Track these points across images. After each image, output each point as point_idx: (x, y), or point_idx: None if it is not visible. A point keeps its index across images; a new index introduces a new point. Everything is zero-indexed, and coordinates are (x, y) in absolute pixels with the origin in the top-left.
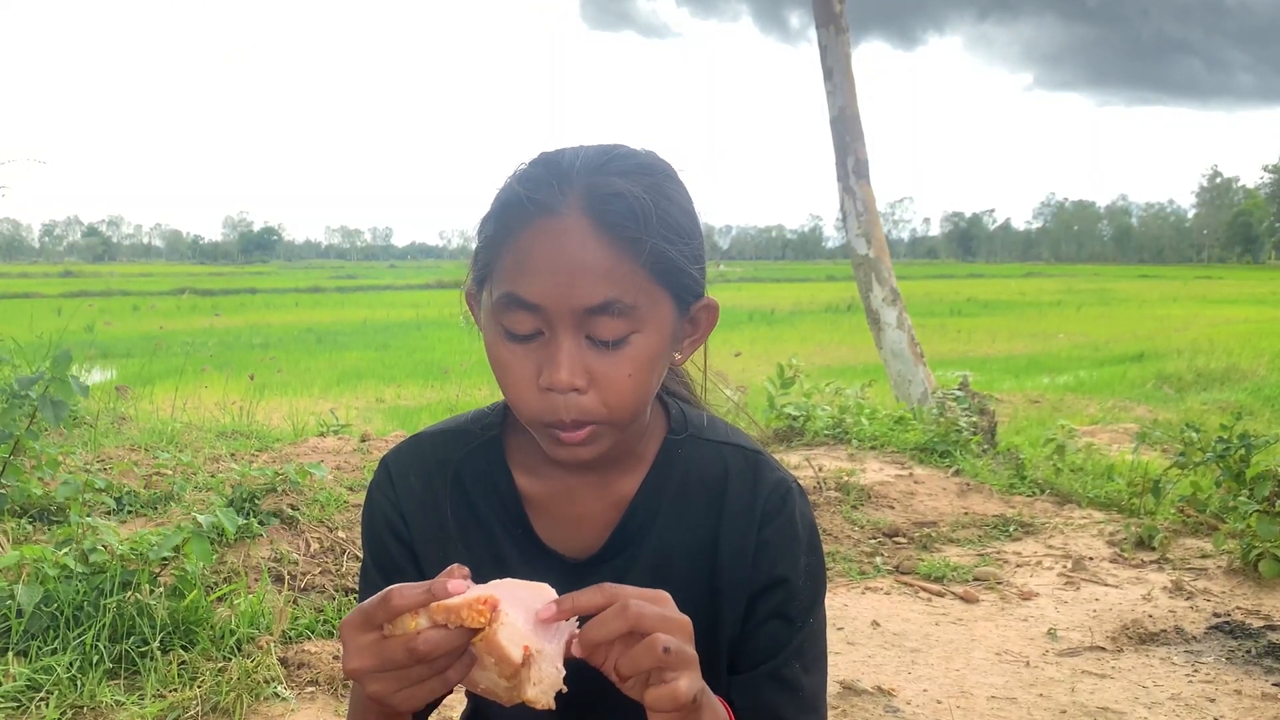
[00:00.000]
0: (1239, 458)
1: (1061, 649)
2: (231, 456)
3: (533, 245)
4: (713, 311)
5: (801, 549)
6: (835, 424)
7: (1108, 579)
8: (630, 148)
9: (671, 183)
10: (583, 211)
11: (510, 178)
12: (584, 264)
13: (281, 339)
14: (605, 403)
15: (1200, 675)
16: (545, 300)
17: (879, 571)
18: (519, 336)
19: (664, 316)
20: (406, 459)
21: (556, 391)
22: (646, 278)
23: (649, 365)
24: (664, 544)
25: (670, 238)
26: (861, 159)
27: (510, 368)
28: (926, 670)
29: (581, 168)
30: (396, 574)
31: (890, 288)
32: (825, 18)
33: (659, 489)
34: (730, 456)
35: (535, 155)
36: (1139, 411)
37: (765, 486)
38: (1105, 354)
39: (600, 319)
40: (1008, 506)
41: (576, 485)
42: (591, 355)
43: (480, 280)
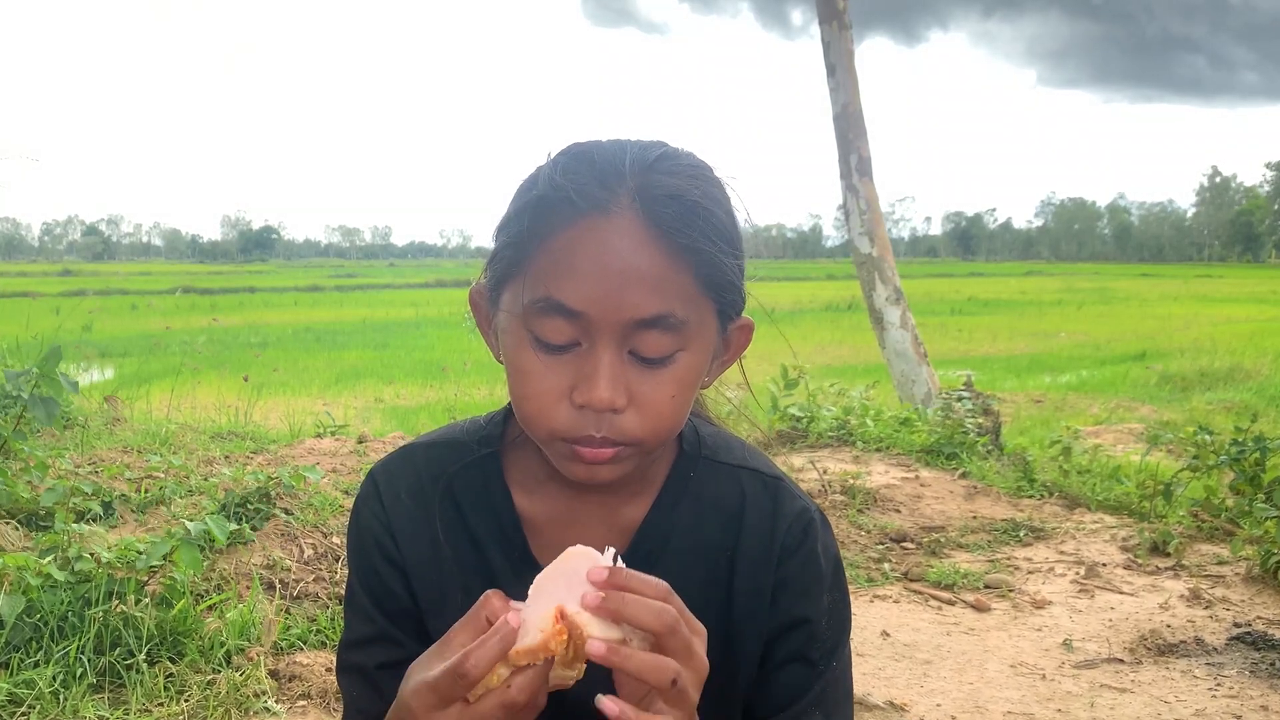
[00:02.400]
0: (1254, 461)
1: (1078, 661)
2: (226, 459)
3: (577, 246)
4: (748, 331)
5: (825, 587)
6: (840, 425)
7: (1123, 586)
8: (675, 146)
9: (720, 188)
10: (637, 212)
11: (545, 169)
12: (637, 271)
13: (280, 338)
14: (644, 425)
15: (1224, 690)
16: (590, 308)
17: (887, 579)
18: (553, 346)
19: (709, 334)
20: (397, 472)
21: (592, 409)
22: (698, 290)
23: (691, 386)
24: (673, 577)
25: (724, 247)
26: (864, 156)
27: (536, 379)
28: (939, 683)
29: (632, 164)
30: (387, 598)
31: (894, 287)
32: (828, 14)
33: (669, 516)
34: (747, 482)
35: (568, 147)
36: (1143, 411)
37: (786, 517)
38: (1107, 353)
39: (649, 333)
40: (1016, 510)
41: (580, 509)
42: (633, 372)
43: (500, 281)
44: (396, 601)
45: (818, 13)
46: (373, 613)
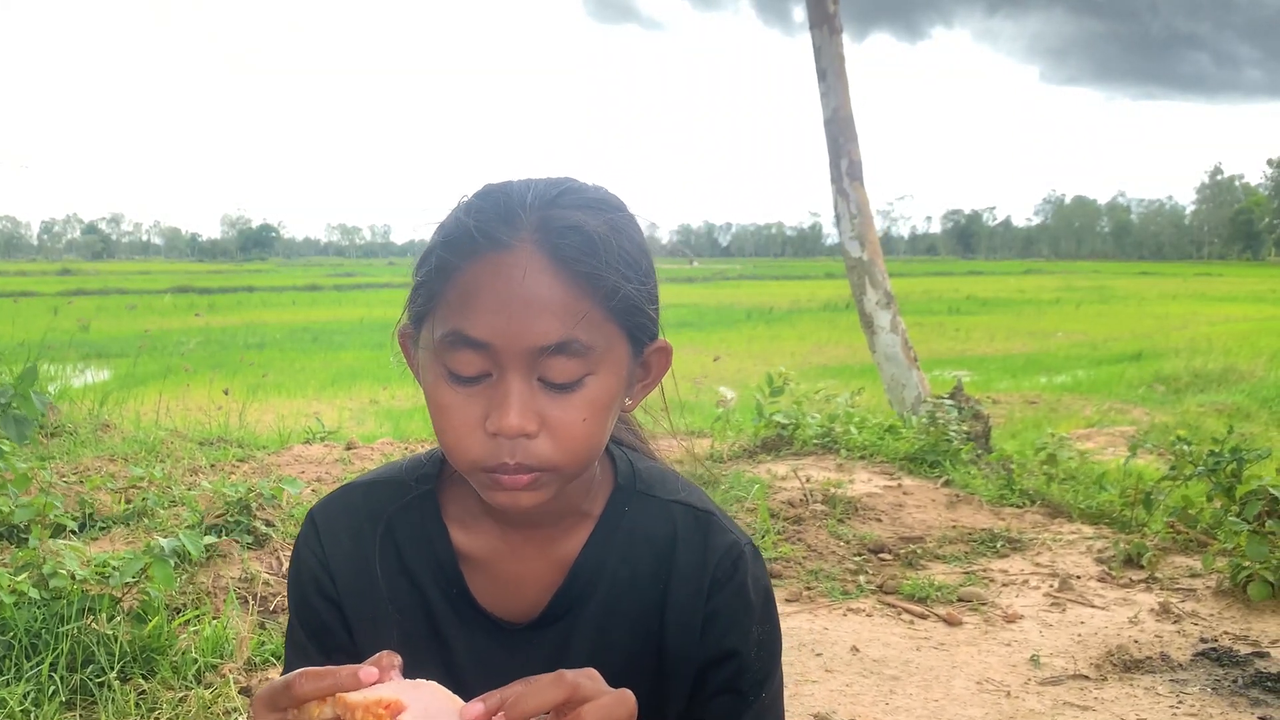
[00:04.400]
0: (1230, 472)
1: (1044, 677)
2: (212, 467)
3: (481, 280)
4: (666, 354)
5: (754, 619)
6: (824, 433)
7: (1095, 600)
8: (582, 182)
9: (626, 218)
10: (537, 245)
11: (455, 210)
12: (538, 300)
13: (277, 338)
14: (557, 449)
15: (1184, 708)
16: (494, 339)
17: (862, 591)
18: (464, 378)
19: (620, 358)
20: (335, 512)
21: (504, 437)
22: (604, 316)
23: (604, 409)
24: (608, 609)
25: (628, 274)
26: (855, 160)
27: (452, 411)
28: (904, 700)
29: (534, 200)
30: (325, 634)
31: (884, 290)
32: (819, 18)
33: (604, 549)
34: (679, 516)
35: (481, 187)
36: (1136, 414)
37: (716, 550)
38: (1103, 353)
39: (554, 359)
40: (997, 519)
41: (517, 543)
42: (544, 398)
43: (419, 318)
44: (333, 639)
45: (809, 17)
46: (310, 649)
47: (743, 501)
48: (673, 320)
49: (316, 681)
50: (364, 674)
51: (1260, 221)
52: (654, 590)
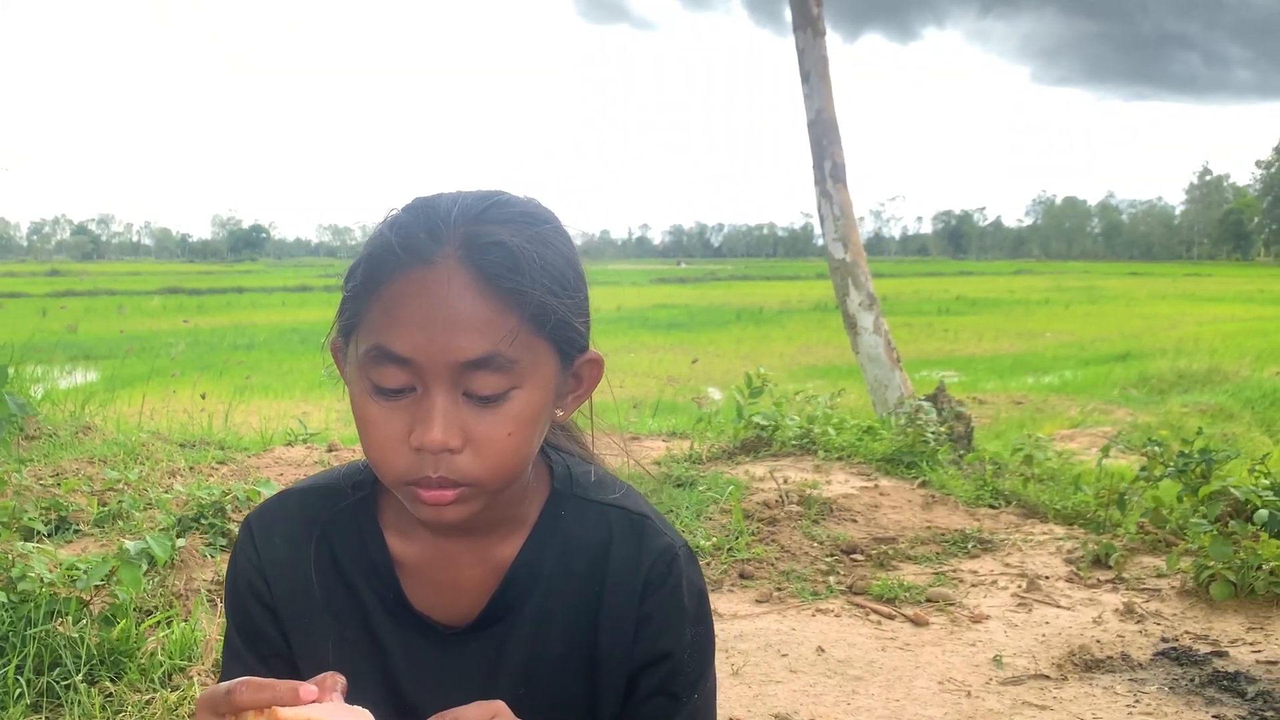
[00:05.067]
0: (1199, 473)
1: (1005, 677)
2: (191, 470)
3: (404, 295)
4: (597, 366)
5: (687, 621)
6: (803, 434)
7: (1061, 600)
8: (513, 195)
9: (555, 233)
10: (460, 260)
11: (381, 224)
12: (461, 316)
13: (266, 339)
14: (481, 463)
15: (1141, 707)
16: (417, 354)
17: (832, 592)
18: (388, 392)
19: (547, 371)
20: (271, 519)
21: (428, 451)
22: (529, 331)
23: (530, 422)
24: (543, 613)
25: (554, 289)
26: (839, 163)
27: (377, 425)
28: (866, 701)
29: (459, 215)
30: (261, 642)
31: (867, 292)
32: (803, 20)
33: (540, 554)
34: (615, 520)
35: (410, 200)
36: (1119, 414)
37: (650, 553)
38: (1091, 353)
39: (478, 374)
40: (972, 519)
41: (453, 549)
42: (468, 413)
43: (346, 332)
44: (270, 645)
45: (792, 20)
46: (246, 656)
47: (718, 503)
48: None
49: (256, 693)
50: (304, 691)
51: (1249, 222)
52: (588, 593)
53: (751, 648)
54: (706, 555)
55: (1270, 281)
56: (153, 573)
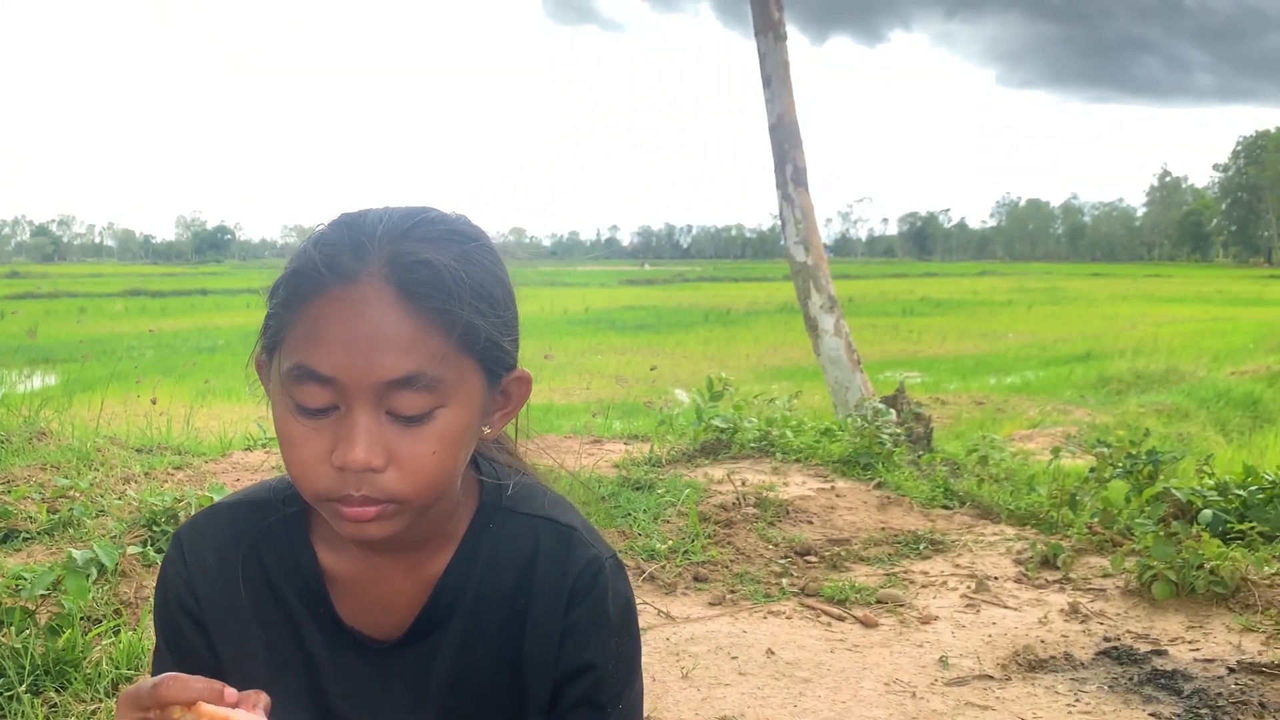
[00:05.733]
0: (1146, 474)
1: (950, 678)
2: (146, 475)
3: (327, 314)
4: (525, 384)
5: (611, 632)
6: (762, 436)
7: (1008, 601)
8: (441, 212)
9: (483, 250)
10: (385, 279)
11: (306, 240)
12: (384, 335)
13: (229, 342)
14: (405, 482)
15: (1080, 706)
16: (340, 373)
17: (784, 594)
18: (311, 410)
19: (473, 390)
20: (201, 532)
21: (351, 470)
22: (454, 350)
23: (455, 441)
24: (471, 626)
25: (481, 308)
26: (800, 166)
27: (299, 444)
28: (812, 703)
29: (385, 233)
30: (190, 655)
31: (828, 295)
32: (764, 25)
33: (467, 567)
34: (543, 531)
35: (336, 216)
36: (1078, 414)
37: (576, 565)
38: (1052, 354)
39: (402, 393)
40: (926, 520)
41: (383, 564)
42: (392, 431)
43: (270, 348)
44: (198, 659)
45: (754, 24)
46: (173, 667)
47: (676, 505)
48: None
49: (183, 688)
50: (228, 693)
51: (1208, 224)
52: (515, 606)
53: (702, 650)
54: (662, 558)
55: (1228, 282)
56: (102, 580)
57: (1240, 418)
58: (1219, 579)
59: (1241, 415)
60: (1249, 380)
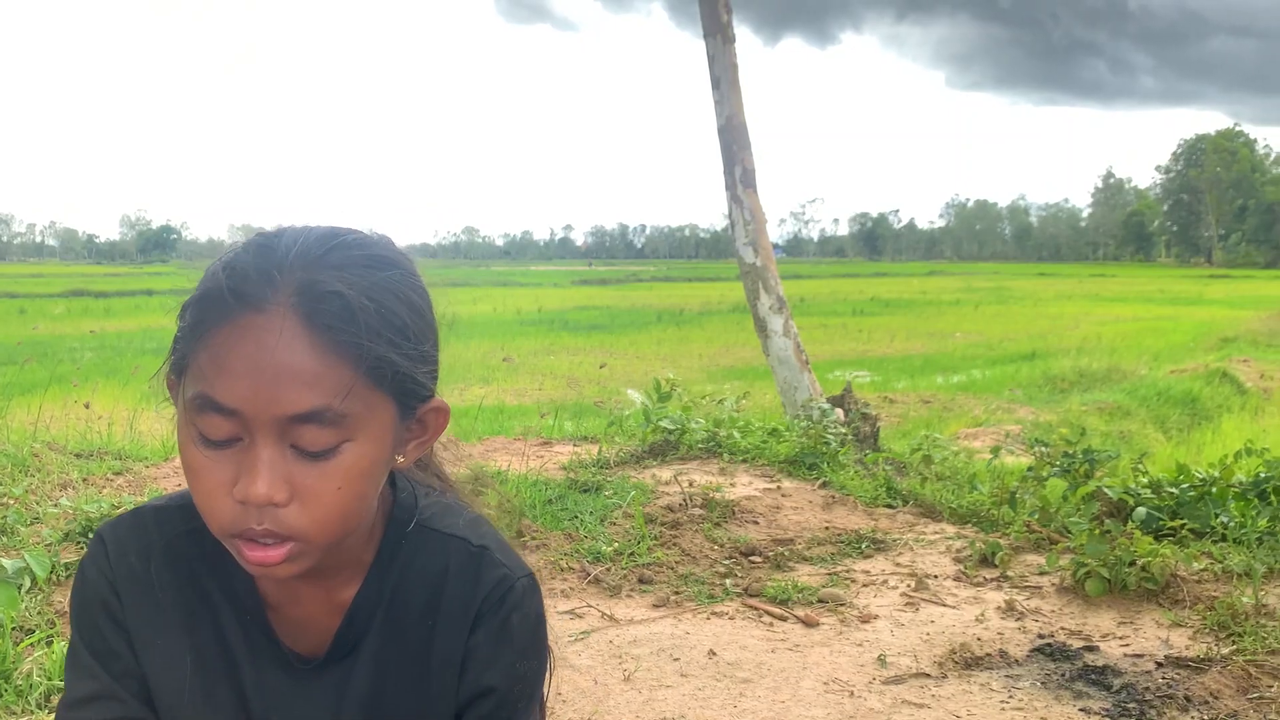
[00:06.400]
0: (1082, 472)
1: (888, 676)
2: (85, 481)
3: (232, 344)
4: (443, 415)
5: (515, 654)
6: (709, 437)
7: (947, 599)
8: (359, 235)
9: (401, 276)
10: (293, 309)
11: (218, 261)
12: (289, 368)
13: None
14: (308, 517)
15: (1014, 702)
16: (244, 406)
17: (728, 594)
18: (214, 442)
19: (383, 423)
20: (126, 533)
21: (252, 504)
22: (364, 384)
23: (362, 476)
24: (384, 647)
25: (394, 340)
26: (749, 168)
27: (202, 474)
28: (752, 703)
29: (297, 259)
30: (113, 659)
31: (777, 296)
32: (712, 27)
33: (380, 588)
34: (454, 551)
35: (253, 236)
36: (1022, 413)
37: (484, 585)
38: (998, 353)
39: (307, 428)
40: (870, 519)
41: (298, 587)
42: (296, 466)
43: (177, 372)
44: (120, 662)
45: (702, 26)
46: (97, 671)
47: (622, 507)
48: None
49: None
50: None
51: (1151, 224)
52: (425, 626)
53: (645, 652)
54: (607, 561)
55: (1170, 282)
56: (35, 590)
57: (1179, 415)
58: (1150, 575)
59: (1180, 413)
60: (1188, 378)
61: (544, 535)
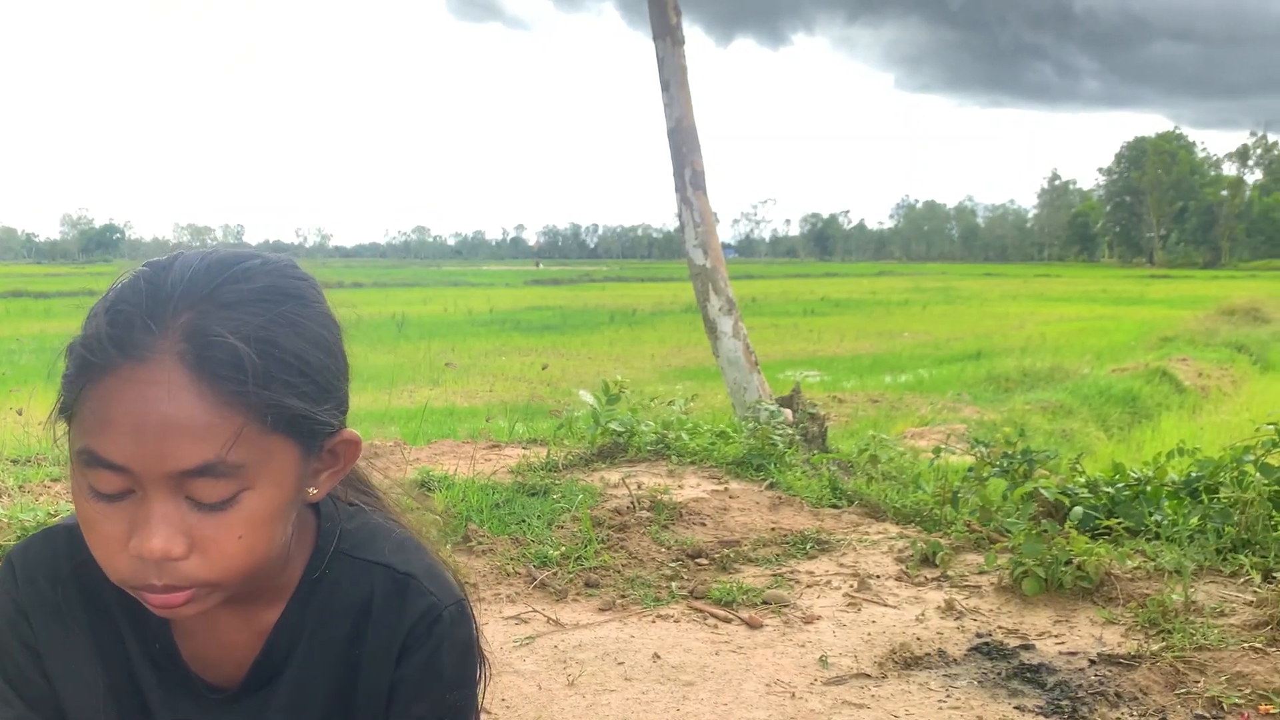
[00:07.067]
0: (1022, 472)
1: (829, 677)
2: (20, 488)
3: (116, 396)
4: (353, 446)
5: (445, 685)
6: (659, 439)
7: (889, 599)
8: (254, 263)
9: (301, 308)
10: (178, 359)
11: (102, 299)
12: (176, 423)
13: None
14: (210, 568)
15: (950, 701)
16: (131, 462)
17: (674, 597)
18: (105, 495)
19: (285, 466)
20: (36, 556)
21: (149, 560)
22: (260, 430)
23: (264, 523)
24: (303, 680)
25: (290, 381)
26: (698, 170)
27: (96, 527)
28: (695, 706)
29: (184, 297)
30: (26, 684)
31: (726, 297)
32: (661, 29)
33: (301, 617)
34: (378, 580)
35: (139, 269)
36: (968, 412)
37: (411, 615)
38: (945, 352)
39: (200, 481)
40: (815, 520)
41: (216, 614)
42: (193, 517)
43: (66, 416)
44: (34, 688)
45: (652, 28)
46: (11, 698)
47: (570, 511)
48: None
49: None
50: None
51: (1095, 225)
52: (349, 657)
53: (589, 657)
54: (554, 565)
55: (1112, 282)
56: None
57: (1120, 413)
58: (1085, 574)
59: (1121, 411)
60: (1129, 377)
61: (490, 540)
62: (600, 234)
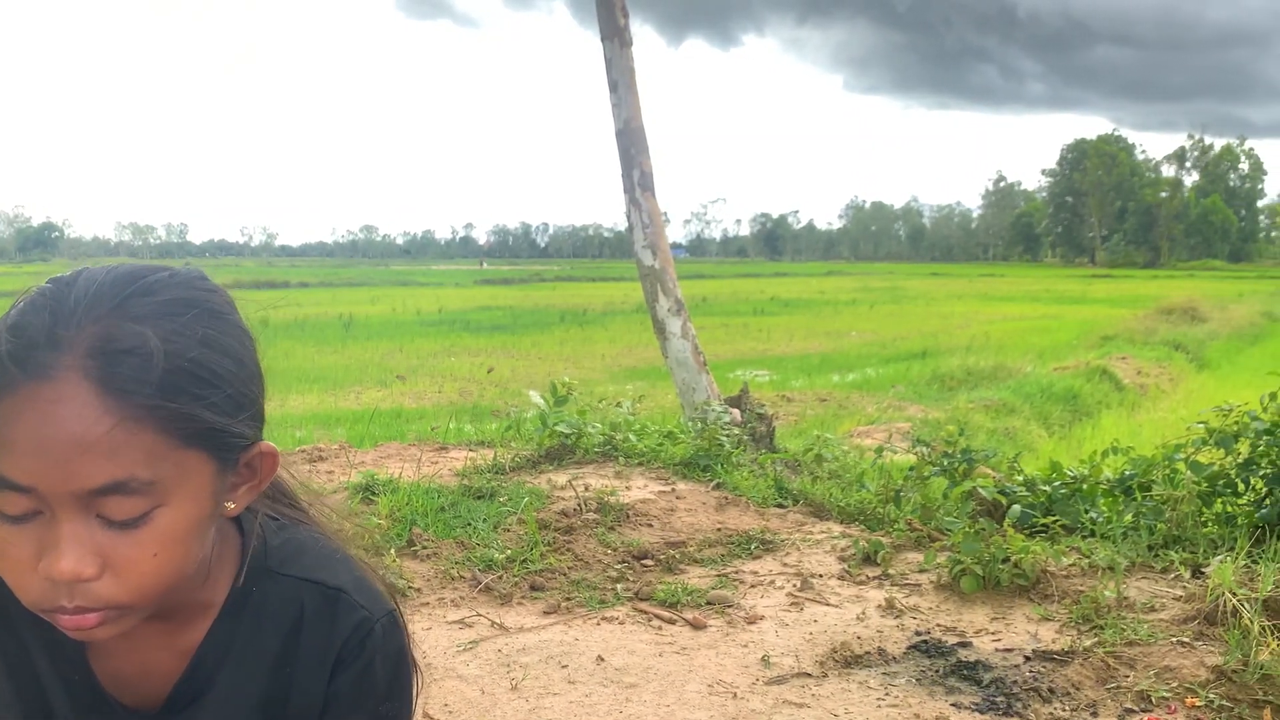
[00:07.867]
0: (961, 471)
1: (771, 677)
2: None
3: (19, 416)
4: (270, 458)
5: (379, 696)
6: (606, 441)
7: (830, 598)
8: (163, 275)
9: (209, 318)
10: (83, 375)
11: (4, 318)
12: (82, 441)
13: None
14: (123, 588)
15: (889, 699)
16: (38, 482)
17: (619, 599)
18: (12, 517)
19: (199, 481)
20: None
21: (59, 582)
22: (171, 445)
23: (179, 539)
24: (228, 699)
25: (201, 394)
26: (647, 171)
27: (4, 550)
28: (638, 708)
29: (88, 311)
30: None
31: (675, 298)
32: (610, 31)
33: (229, 635)
34: (308, 596)
35: (44, 285)
36: (913, 410)
37: (342, 630)
38: (891, 351)
39: (110, 499)
40: (761, 520)
41: (137, 633)
42: (105, 536)
43: None
44: None
45: (600, 29)
46: None
47: (516, 514)
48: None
49: None
50: None
51: (1038, 225)
52: (280, 675)
53: (533, 660)
54: (499, 568)
55: (1055, 281)
56: None
57: (1061, 411)
58: (1021, 572)
59: (1063, 409)
60: (1070, 376)
61: (435, 544)
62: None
